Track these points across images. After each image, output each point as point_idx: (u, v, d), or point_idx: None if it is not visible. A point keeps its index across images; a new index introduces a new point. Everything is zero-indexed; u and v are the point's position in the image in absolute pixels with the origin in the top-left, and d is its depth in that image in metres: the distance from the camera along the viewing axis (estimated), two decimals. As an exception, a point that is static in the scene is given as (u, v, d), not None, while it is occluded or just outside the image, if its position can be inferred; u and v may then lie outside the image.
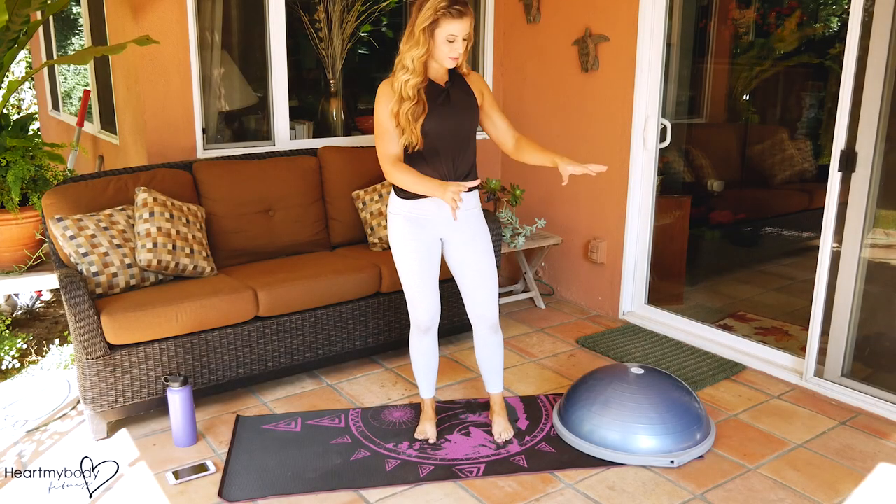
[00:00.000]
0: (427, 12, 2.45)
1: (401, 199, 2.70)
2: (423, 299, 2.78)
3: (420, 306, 2.80)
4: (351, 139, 4.52)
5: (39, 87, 7.70)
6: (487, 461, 2.81)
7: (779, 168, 5.57)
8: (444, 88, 2.62)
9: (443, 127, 2.60)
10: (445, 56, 2.52)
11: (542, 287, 4.71)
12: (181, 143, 3.88)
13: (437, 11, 2.44)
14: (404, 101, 2.53)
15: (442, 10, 2.43)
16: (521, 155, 2.77)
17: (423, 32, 2.47)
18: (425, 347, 2.90)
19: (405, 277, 2.78)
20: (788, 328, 4.06)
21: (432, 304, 2.80)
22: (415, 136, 2.55)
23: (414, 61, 2.51)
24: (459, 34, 2.47)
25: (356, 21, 4.49)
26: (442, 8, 2.43)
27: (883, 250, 3.33)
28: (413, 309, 2.83)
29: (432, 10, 2.44)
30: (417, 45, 2.49)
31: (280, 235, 3.71)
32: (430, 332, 2.86)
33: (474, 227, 2.76)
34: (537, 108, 4.60)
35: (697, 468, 2.78)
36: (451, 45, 2.49)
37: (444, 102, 2.60)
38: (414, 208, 2.69)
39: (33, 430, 3.09)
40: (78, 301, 2.84)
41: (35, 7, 3.19)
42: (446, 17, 2.44)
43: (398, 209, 2.72)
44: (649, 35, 3.88)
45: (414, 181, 2.55)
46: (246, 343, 3.23)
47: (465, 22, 2.46)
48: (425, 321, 2.82)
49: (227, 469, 2.76)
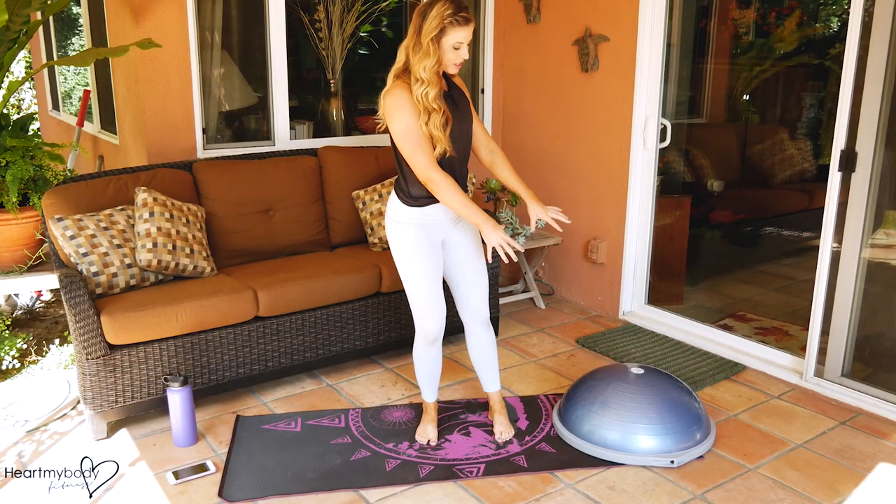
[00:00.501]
0: (433, 21, 2.42)
1: (410, 207, 2.64)
2: (431, 309, 2.74)
3: (429, 317, 2.75)
4: (351, 139, 4.52)
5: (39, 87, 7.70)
6: (487, 461, 2.81)
7: (779, 168, 5.57)
8: (448, 94, 2.62)
9: (457, 133, 2.59)
10: (450, 63, 2.51)
11: (542, 287, 4.71)
12: (181, 143, 3.88)
13: (443, 20, 2.42)
14: (433, 114, 2.48)
15: (448, 17, 2.41)
16: (494, 168, 2.80)
17: (432, 42, 2.44)
18: (431, 357, 2.88)
19: (415, 287, 2.72)
20: (788, 328, 4.06)
21: (440, 313, 2.77)
22: (448, 145, 2.52)
23: (428, 72, 2.45)
24: (465, 41, 2.47)
25: (356, 21, 4.49)
26: (448, 16, 2.41)
27: (883, 250, 3.33)
28: (420, 319, 2.78)
29: (439, 19, 2.42)
30: (428, 55, 2.44)
31: (280, 235, 3.71)
32: (436, 343, 2.85)
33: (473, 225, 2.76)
34: (537, 108, 4.60)
35: (697, 468, 2.78)
36: (456, 53, 2.48)
37: (452, 108, 2.60)
38: (423, 215, 2.65)
39: (33, 430, 3.09)
40: (78, 301, 2.84)
41: (35, 7, 3.19)
42: (453, 24, 2.42)
43: (406, 217, 2.65)
44: (649, 35, 3.88)
45: (462, 201, 2.47)
46: (246, 343, 3.23)
47: (470, 29, 2.47)
48: (433, 332, 2.78)
49: (227, 469, 2.76)
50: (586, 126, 4.29)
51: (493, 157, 2.80)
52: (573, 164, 4.41)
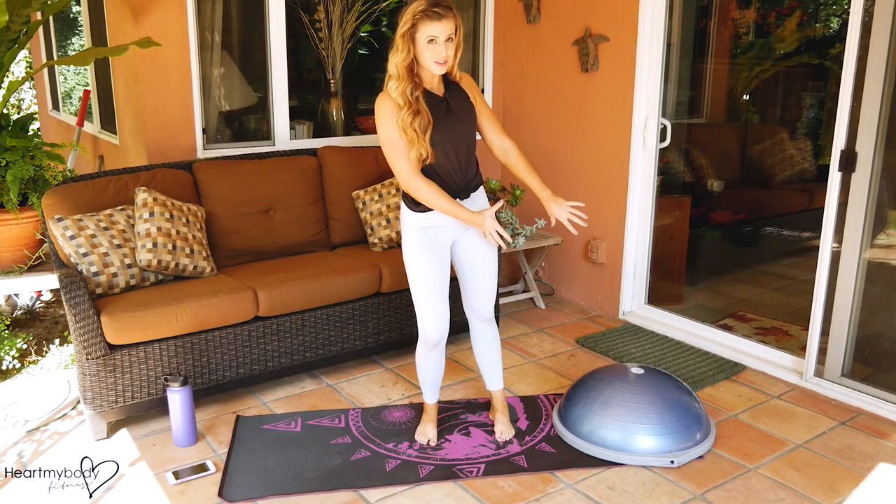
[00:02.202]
0: (406, 17, 2.45)
1: (413, 212, 2.66)
2: (433, 313, 2.75)
3: (429, 320, 2.76)
4: (351, 139, 4.52)
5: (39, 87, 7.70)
6: (487, 461, 2.81)
7: (779, 168, 5.57)
8: (443, 99, 2.60)
9: (449, 138, 2.58)
10: (430, 60, 2.48)
11: (542, 287, 4.71)
12: (181, 143, 3.88)
13: (414, 16, 2.43)
14: (401, 109, 2.50)
15: (419, 13, 2.42)
16: (507, 161, 2.78)
17: (403, 38, 2.46)
18: (432, 360, 2.88)
19: (416, 289, 2.74)
20: (788, 328, 4.06)
21: (442, 318, 2.77)
22: (425, 148, 2.52)
23: (397, 67, 2.48)
24: (440, 35, 2.44)
25: (356, 21, 4.49)
26: (419, 11, 2.42)
27: (883, 250, 3.33)
28: (422, 322, 2.78)
29: (410, 15, 2.44)
30: (398, 50, 2.48)
31: (280, 235, 3.71)
32: (437, 348, 2.85)
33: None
34: (537, 108, 4.60)
35: (697, 468, 2.78)
36: (432, 49, 2.45)
37: (446, 114, 2.58)
38: (427, 220, 2.66)
39: (33, 430, 3.09)
40: (78, 301, 2.84)
41: (35, 7, 3.19)
42: (423, 20, 2.42)
43: (411, 221, 2.68)
44: (649, 35, 3.88)
45: (446, 205, 2.53)
46: (246, 343, 3.23)
47: (443, 24, 2.43)
48: (434, 337, 2.79)
49: (227, 469, 2.76)
50: (586, 126, 4.29)
51: (507, 155, 2.78)
52: (573, 164, 4.41)
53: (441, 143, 2.56)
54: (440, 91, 2.61)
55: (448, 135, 2.58)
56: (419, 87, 2.53)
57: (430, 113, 2.53)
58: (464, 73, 2.73)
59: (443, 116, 2.57)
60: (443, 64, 2.49)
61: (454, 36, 2.48)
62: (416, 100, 2.50)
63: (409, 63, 2.49)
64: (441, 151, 2.57)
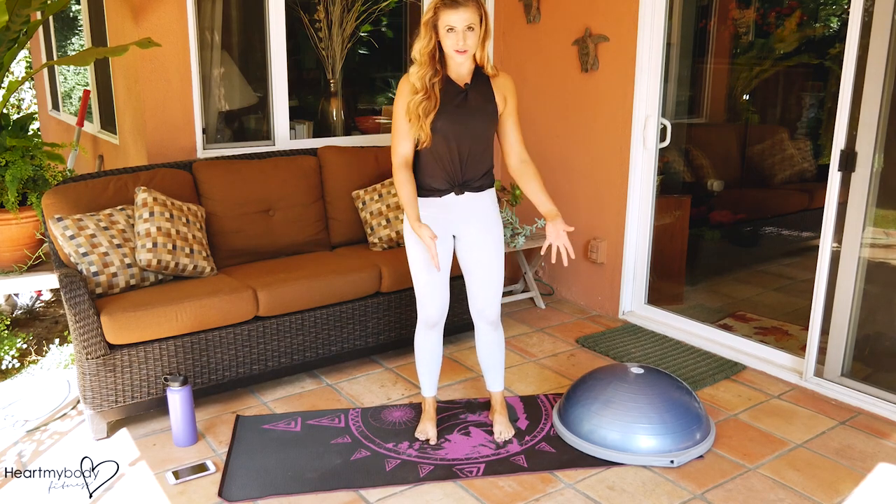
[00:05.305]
0: (429, 5, 2.55)
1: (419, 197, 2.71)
2: (429, 296, 2.80)
3: (427, 302, 2.82)
4: (351, 139, 4.52)
5: (39, 87, 7.70)
6: (487, 461, 2.81)
7: (779, 168, 5.57)
8: (464, 90, 2.63)
9: (453, 128, 2.60)
10: (450, 49, 2.55)
11: (542, 287, 4.71)
12: (181, 143, 3.88)
13: (435, 4, 2.53)
14: (416, 93, 2.57)
15: (440, 2, 2.52)
16: (520, 179, 2.76)
17: (426, 26, 2.55)
18: (431, 343, 2.91)
19: (414, 272, 2.80)
20: (788, 328, 4.06)
21: (439, 301, 2.82)
22: (424, 131, 2.57)
23: (420, 52, 2.57)
24: (458, 25, 2.50)
25: (356, 21, 4.50)
26: (440, 0, 2.51)
27: (883, 250, 3.33)
28: (419, 303, 2.85)
29: (432, 4, 2.54)
30: (420, 37, 2.57)
31: (280, 235, 3.71)
32: (436, 327, 2.88)
33: (488, 225, 2.77)
34: (537, 109, 4.60)
35: (697, 468, 2.78)
36: (452, 37, 2.52)
37: (460, 104, 2.61)
38: (427, 206, 2.70)
39: (33, 430, 3.09)
40: (78, 301, 2.84)
41: (35, 7, 3.19)
42: (443, 9, 2.51)
43: None
44: (649, 35, 3.89)
45: (404, 199, 2.62)
46: (246, 343, 3.23)
47: (462, 13, 2.49)
48: (432, 317, 2.84)
49: (227, 469, 2.76)
50: (586, 126, 4.29)
51: (522, 168, 2.75)
52: (573, 164, 4.41)
53: (442, 131, 2.59)
54: (463, 82, 2.64)
55: (453, 125, 2.59)
56: (439, 74, 2.59)
57: (442, 100, 2.58)
58: (506, 74, 2.75)
59: (454, 105, 2.60)
60: (463, 52, 2.54)
61: (476, 25, 2.53)
62: (432, 86, 2.57)
63: (432, 50, 2.57)
64: (441, 139, 2.60)
